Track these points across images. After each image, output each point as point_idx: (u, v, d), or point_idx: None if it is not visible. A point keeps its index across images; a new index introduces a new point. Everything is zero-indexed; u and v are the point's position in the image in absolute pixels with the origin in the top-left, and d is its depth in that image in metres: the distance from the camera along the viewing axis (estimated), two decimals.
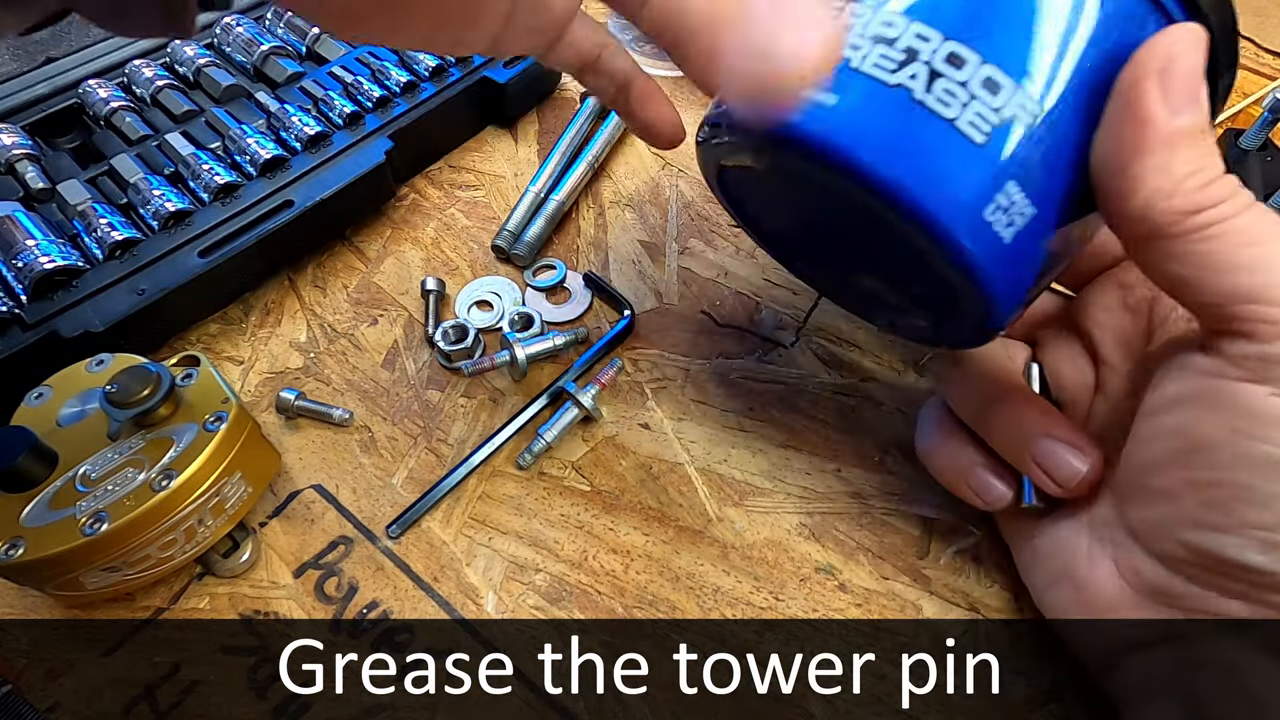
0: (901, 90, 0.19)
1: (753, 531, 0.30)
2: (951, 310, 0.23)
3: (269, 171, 0.37)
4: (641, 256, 0.38)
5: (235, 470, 0.27)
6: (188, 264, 0.33)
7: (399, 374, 0.34)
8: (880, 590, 0.28)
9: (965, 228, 0.20)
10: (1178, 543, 0.21)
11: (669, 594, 0.28)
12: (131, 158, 0.37)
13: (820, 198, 0.23)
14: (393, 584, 0.29)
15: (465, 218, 0.40)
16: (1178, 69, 0.18)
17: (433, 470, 0.31)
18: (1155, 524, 0.21)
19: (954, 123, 0.19)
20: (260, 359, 0.35)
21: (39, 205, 0.36)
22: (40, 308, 0.31)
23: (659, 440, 0.32)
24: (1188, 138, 0.19)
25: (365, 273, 0.38)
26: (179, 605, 0.28)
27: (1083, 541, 0.24)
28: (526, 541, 0.30)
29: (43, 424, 0.27)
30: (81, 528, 0.24)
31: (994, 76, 0.19)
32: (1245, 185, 0.19)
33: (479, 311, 0.37)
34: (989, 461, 0.26)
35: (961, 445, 0.26)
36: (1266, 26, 0.49)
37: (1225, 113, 0.44)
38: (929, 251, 0.20)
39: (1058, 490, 0.24)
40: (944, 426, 0.27)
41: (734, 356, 0.35)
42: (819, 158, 0.20)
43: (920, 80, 0.19)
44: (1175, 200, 0.19)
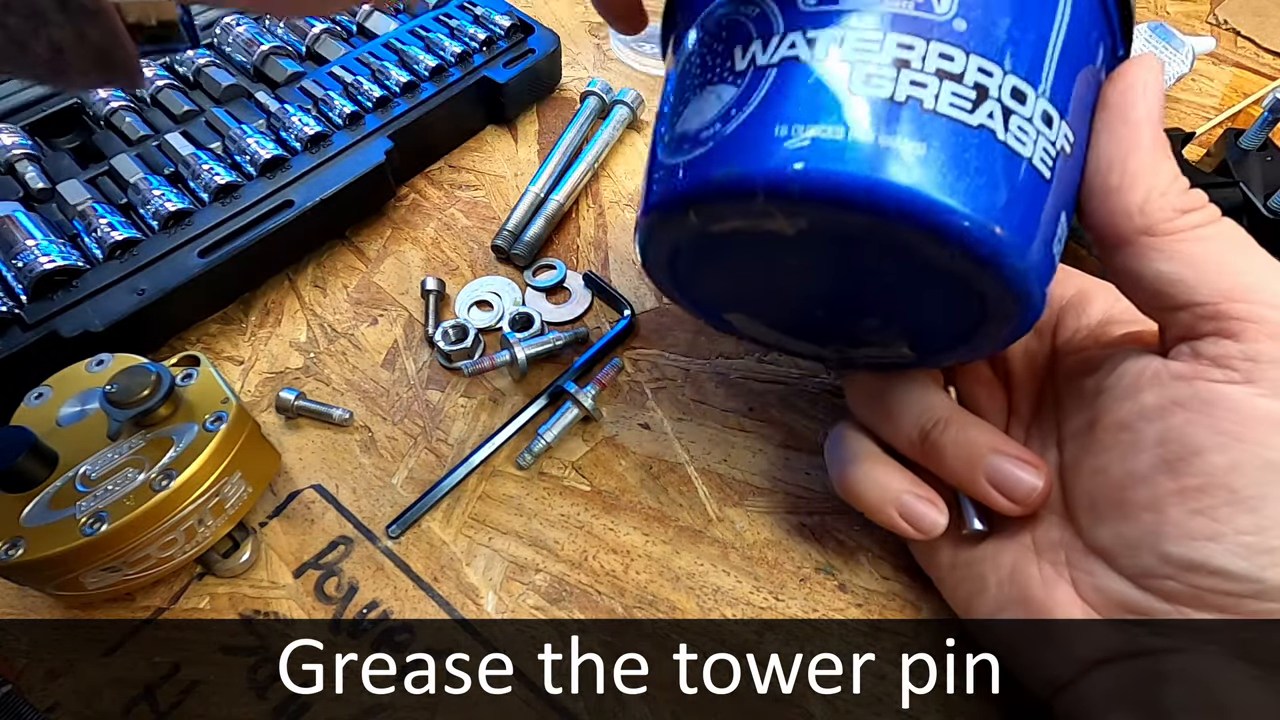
0: (985, 131, 0.18)
1: (753, 531, 0.30)
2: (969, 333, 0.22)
3: (269, 171, 0.37)
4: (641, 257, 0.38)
5: (235, 470, 0.27)
6: (188, 264, 0.33)
7: (399, 374, 0.34)
8: (880, 590, 0.28)
9: (1040, 273, 0.19)
10: (1159, 556, 0.20)
11: (669, 594, 0.28)
12: (131, 158, 0.37)
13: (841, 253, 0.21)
14: (393, 584, 0.29)
15: (465, 218, 0.40)
16: (1153, 89, 0.20)
17: (433, 470, 0.31)
18: (1132, 540, 0.21)
19: (1030, 161, 0.19)
20: (260, 359, 0.35)
21: (39, 205, 0.36)
22: (40, 308, 0.31)
23: (659, 440, 0.32)
24: (1166, 146, 0.20)
25: (365, 273, 0.38)
26: (179, 605, 0.28)
27: (1031, 566, 0.23)
28: (526, 541, 0.30)
29: (43, 424, 0.27)
30: (81, 528, 0.24)
31: (1048, 110, 0.19)
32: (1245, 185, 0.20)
33: (479, 311, 0.37)
34: (918, 488, 0.25)
35: (887, 472, 0.25)
36: (1266, 26, 0.49)
37: (1225, 113, 0.44)
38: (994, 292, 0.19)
39: (1013, 508, 0.23)
40: (865, 454, 0.26)
41: (734, 356, 0.35)
42: (911, 217, 0.18)
43: (998, 119, 0.18)
44: (1170, 198, 0.20)
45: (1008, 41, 0.18)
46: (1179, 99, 0.45)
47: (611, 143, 0.42)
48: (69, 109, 0.41)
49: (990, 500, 0.24)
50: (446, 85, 0.41)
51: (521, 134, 0.44)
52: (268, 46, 0.42)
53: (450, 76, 0.42)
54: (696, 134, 0.20)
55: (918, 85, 0.18)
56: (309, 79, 0.41)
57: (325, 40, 0.44)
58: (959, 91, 0.18)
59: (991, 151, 0.18)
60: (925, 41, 0.18)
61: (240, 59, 0.43)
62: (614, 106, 0.43)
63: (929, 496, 0.25)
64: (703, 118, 0.20)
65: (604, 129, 0.42)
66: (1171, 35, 0.43)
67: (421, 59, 0.42)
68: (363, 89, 0.40)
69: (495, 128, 0.45)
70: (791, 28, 0.19)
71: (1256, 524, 0.19)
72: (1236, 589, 0.19)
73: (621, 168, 0.43)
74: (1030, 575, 0.23)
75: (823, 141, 0.18)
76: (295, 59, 0.43)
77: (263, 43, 0.42)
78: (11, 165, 0.37)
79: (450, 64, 0.42)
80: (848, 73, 0.18)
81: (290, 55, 0.43)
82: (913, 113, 0.18)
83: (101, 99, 0.40)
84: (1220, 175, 0.35)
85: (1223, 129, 0.40)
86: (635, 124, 0.44)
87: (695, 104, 0.20)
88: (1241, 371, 0.19)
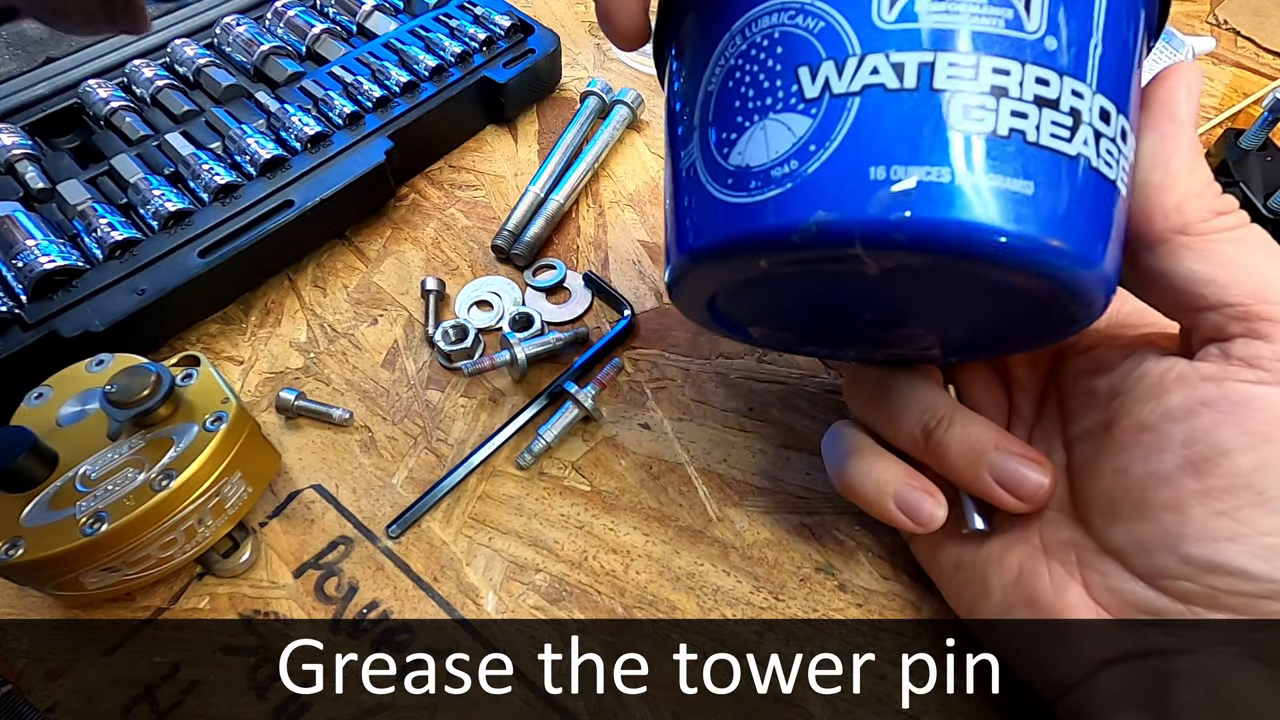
0: (1082, 160, 0.17)
1: (753, 531, 0.30)
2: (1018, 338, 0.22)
3: (269, 171, 0.37)
4: (641, 256, 0.38)
5: (235, 470, 0.27)
6: (188, 264, 0.33)
7: (399, 374, 0.34)
8: (880, 590, 0.28)
9: (1114, 285, 0.19)
10: (1178, 557, 0.20)
11: (669, 594, 0.28)
12: (131, 158, 0.37)
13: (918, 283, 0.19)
14: (393, 584, 0.29)
15: (465, 218, 0.40)
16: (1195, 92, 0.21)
17: (433, 470, 0.31)
18: (1150, 540, 0.21)
19: (1115, 184, 0.18)
20: (260, 359, 0.35)
21: (39, 205, 0.36)
22: (40, 308, 0.31)
23: (659, 440, 0.32)
24: (1202, 151, 0.21)
25: (365, 273, 0.38)
26: (179, 605, 0.28)
27: (1040, 566, 0.23)
28: (526, 541, 0.30)
29: (43, 424, 0.27)
30: (81, 528, 0.24)
31: (1125, 126, 0.19)
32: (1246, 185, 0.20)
33: (479, 311, 0.37)
34: (915, 480, 0.25)
35: (884, 465, 0.25)
36: (1266, 26, 0.49)
37: (1225, 113, 0.44)
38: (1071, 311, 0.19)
39: (1019, 505, 0.23)
40: (862, 449, 0.26)
41: (734, 356, 0.35)
42: (1018, 261, 0.17)
43: (1091, 145, 0.17)
44: (1205, 200, 0.20)
45: (1094, 59, 0.18)
46: None
47: (611, 143, 0.42)
48: (69, 109, 0.41)
49: (995, 497, 0.24)
50: (446, 85, 0.41)
51: (521, 134, 0.44)
52: (268, 46, 0.42)
53: (450, 76, 0.42)
54: (765, 171, 0.18)
55: (1019, 116, 0.17)
56: (309, 79, 0.41)
57: (325, 40, 0.44)
58: (1058, 120, 0.17)
59: (1089, 182, 0.18)
60: (1020, 65, 0.17)
61: (240, 59, 0.43)
62: (614, 106, 0.43)
63: (926, 488, 0.25)
64: (770, 152, 0.18)
65: (604, 129, 0.42)
66: (1171, 35, 0.43)
67: (421, 59, 0.42)
68: (363, 89, 0.40)
69: (495, 128, 0.45)
70: (870, 49, 0.17)
71: (1279, 525, 0.19)
72: (1254, 590, 0.19)
73: (621, 168, 0.43)
74: (1039, 576, 0.23)
75: (928, 185, 0.16)
76: (295, 59, 0.43)
77: (263, 43, 0.42)
78: (11, 165, 0.37)
79: (450, 64, 0.42)
80: (945, 104, 0.17)
81: (290, 55, 0.43)
82: (1017, 148, 0.17)
83: (102, 99, 0.40)
84: (1220, 175, 0.35)
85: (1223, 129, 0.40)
86: (635, 124, 0.44)
87: (756, 133, 0.18)
88: (1273, 372, 0.19)
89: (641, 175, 0.42)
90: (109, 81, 0.42)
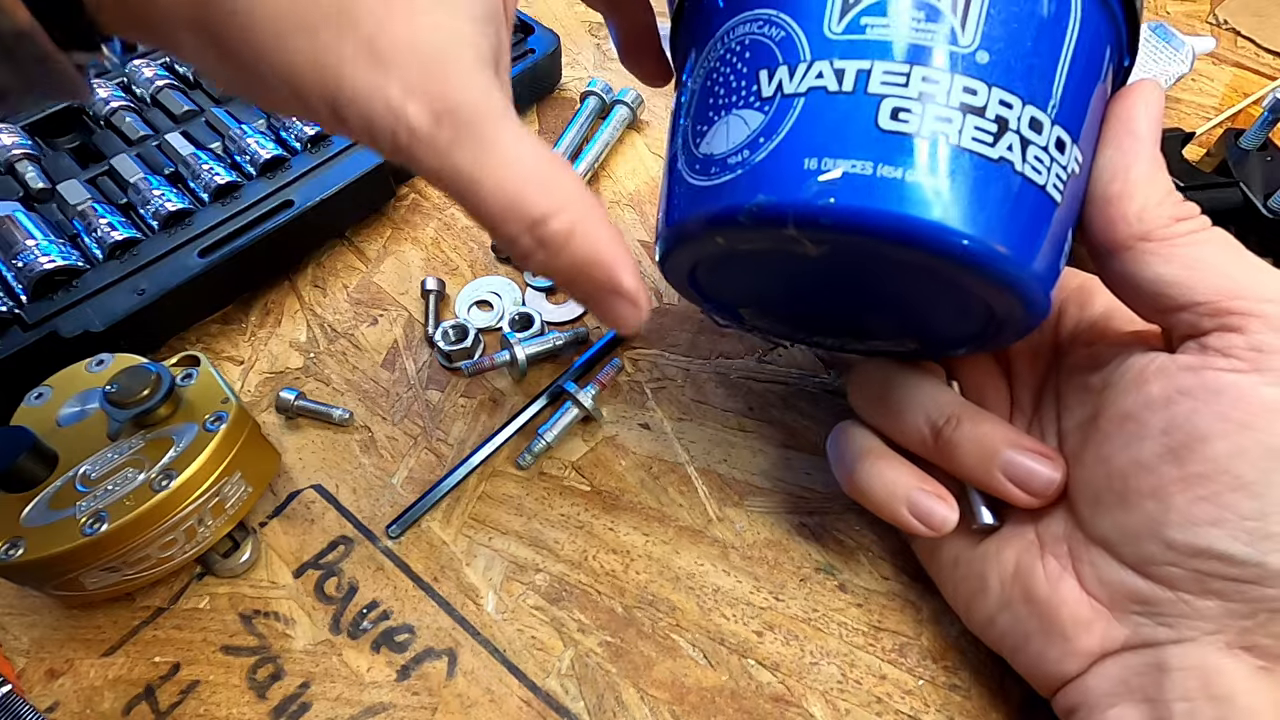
0: (1005, 164, 0.19)
1: (753, 531, 0.30)
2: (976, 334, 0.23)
3: (269, 171, 0.37)
4: (641, 256, 0.38)
5: (235, 470, 0.27)
6: (188, 264, 0.33)
7: (399, 374, 0.34)
8: (880, 590, 0.28)
9: (1049, 287, 0.20)
10: (1162, 543, 0.20)
11: (669, 594, 0.28)
12: (131, 158, 0.37)
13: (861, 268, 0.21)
14: (393, 584, 0.29)
15: (465, 217, 0.40)
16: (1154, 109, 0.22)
17: (433, 470, 0.31)
18: (1134, 528, 0.21)
19: (1044, 189, 0.19)
20: (260, 359, 0.35)
21: (39, 205, 0.36)
22: (40, 308, 0.31)
23: (659, 440, 0.32)
24: (1163, 163, 0.22)
25: (365, 273, 0.38)
26: (179, 605, 0.28)
27: (1036, 561, 0.24)
28: (526, 541, 0.30)
29: (43, 424, 0.27)
30: (81, 528, 0.24)
31: (1061, 136, 0.20)
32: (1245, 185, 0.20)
33: (479, 311, 0.37)
34: (927, 484, 0.25)
35: (895, 469, 0.25)
36: (1266, 26, 0.49)
37: (1225, 113, 0.44)
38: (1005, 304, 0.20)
39: (1031, 501, 0.24)
40: (871, 451, 0.26)
41: (734, 356, 0.35)
42: (935, 248, 0.19)
43: (1017, 151, 0.19)
44: (1165, 207, 0.21)
45: (1026, 72, 0.19)
46: (1179, 99, 0.45)
47: (611, 143, 0.42)
48: (69, 109, 0.41)
49: (1007, 494, 0.24)
50: None
51: None
52: None
53: None
54: (724, 158, 0.20)
55: (943, 121, 0.18)
56: None
57: None
58: (981, 125, 0.19)
59: (1010, 184, 0.19)
60: (950, 75, 0.19)
61: None
62: (614, 106, 0.43)
63: (939, 493, 0.25)
64: (729, 142, 0.20)
65: (604, 129, 0.42)
66: (1171, 35, 0.43)
67: None
68: None
69: None
70: (819, 55, 0.19)
71: (1259, 509, 0.19)
72: (1238, 574, 0.20)
73: (621, 168, 0.43)
74: (1034, 571, 0.23)
75: (852, 176, 0.18)
76: None
77: None
78: (11, 165, 0.37)
79: None
80: (875, 107, 0.18)
81: None
82: (938, 148, 0.18)
83: (102, 99, 0.40)
84: (1220, 175, 0.35)
85: (1223, 129, 0.40)
86: (635, 124, 0.44)
87: (720, 126, 0.21)
88: (1248, 361, 0.20)
89: (641, 175, 0.42)
90: (109, 81, 0.42)
